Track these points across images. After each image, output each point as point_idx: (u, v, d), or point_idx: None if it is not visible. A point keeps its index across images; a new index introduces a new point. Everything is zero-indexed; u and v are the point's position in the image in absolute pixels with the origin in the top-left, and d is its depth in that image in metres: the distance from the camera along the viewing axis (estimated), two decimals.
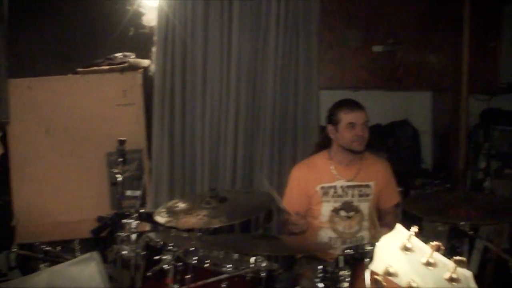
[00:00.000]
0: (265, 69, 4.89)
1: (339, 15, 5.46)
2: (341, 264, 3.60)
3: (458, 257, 1.60)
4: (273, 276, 3.82)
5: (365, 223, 4.34)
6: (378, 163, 4.50)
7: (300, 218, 4.22)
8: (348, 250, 3.68)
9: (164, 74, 4.84)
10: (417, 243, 1.65)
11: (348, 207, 4.32)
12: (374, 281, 1.67)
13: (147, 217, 4.18)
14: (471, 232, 3.88)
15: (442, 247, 1.64)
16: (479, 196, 4.12)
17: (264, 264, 3.62)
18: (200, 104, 4.88)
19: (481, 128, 5.93)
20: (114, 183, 4.57)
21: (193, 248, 3.66)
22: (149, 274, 3.57)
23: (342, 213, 4.32)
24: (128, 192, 4.96)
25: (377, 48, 5.58)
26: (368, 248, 3.64)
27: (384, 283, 1.63)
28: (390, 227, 4.31)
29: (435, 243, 1.63)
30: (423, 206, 4.37)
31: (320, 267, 3.66)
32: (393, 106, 5.93)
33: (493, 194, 4.85)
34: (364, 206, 4.34)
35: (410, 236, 1.66)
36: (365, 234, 4.34)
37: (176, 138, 4.89)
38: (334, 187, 4.32)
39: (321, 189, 4.32)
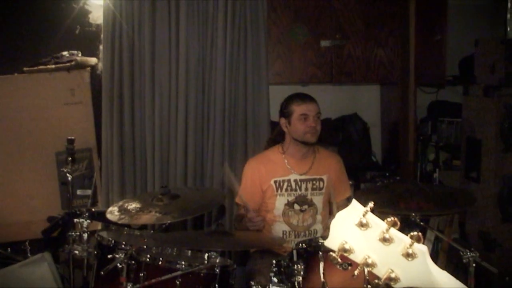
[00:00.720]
0: (214, 65, 4.90)
1: (287, 10, 5.49)
2: (295, 258, 3.67)
3: (414, 233, 1.62)
4: (228, 271, 3.86)
5: (319, 217, 4.39)
6: (330, 157, 4.57)
7: (256, 215, 4.26)
8: (302, 244, 3.77)
9: (112, 73, 4.85)
10: (373, 219, 1.67)
11: (301, 200, 4.38)
12: (332, 254, 1.71)
13: (99, 216, 4.18)
14: (422, 223, 3.98)
15: (398, 222, 1.64)
16: (429, 187, 4.17)
17: (218, 260, 3.68)
18: (149, 102, 4.88)
19: (429, 120, 6.04)
20: (64, 183, 4.50)
21: (145, 246, 3.68)
22: (102, 273, 3.60)
23: (296, 206, 4.37)
24: (79, 192, 4.98)
25: (325, 43, 5.62)
26: (322, 241, 3.74)
27: (339, 260, 1.68)
28: None
29: (391, 218, 1.64)
30: (374, 198, 4.46)
31: (274, 261, 3.70)
32: (342, 100, 5.98)
33: (443, 185, 4.97)
34: (318, 200, 4.40)
35: (366, 212, 1.67)
36: (318, 227, 4.40)
37: (126, 136, 4.88)
38: (288, 180, 4.38)
39: (274, 183, 4.36)
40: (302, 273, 3.62)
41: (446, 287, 1.64)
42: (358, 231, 1.67)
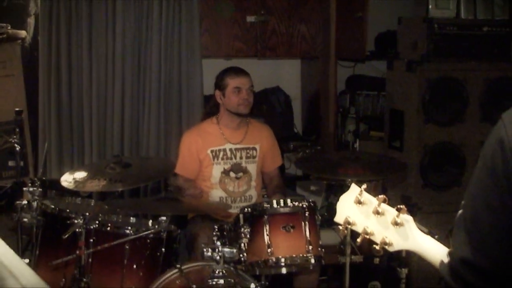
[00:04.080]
0: (150, 40, 5.04)
1: None
2: (241, 222, 3.92)
3: (400, 206, 1.86)
4: (172, 236, 4.15)
5: (253, 183, 4.71)
6: (262, 128, 4.89)
7: (196, 190, 4.60)
8: (247, 209, 4.11)
9: (49, 47, 4.92)
10: (368, 196, 1.90)
11: (237, 168, 4.69)
12: (338, 227, 1.97)
13: (51, 184, 4.39)
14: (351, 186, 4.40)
15: (387, 199, 1.89)
16: (362, 156, 4.54)
17: (164, 225, 4.00)
18: (86, 76, 4.99)
19: (347, 93, 6.32)
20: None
21: (90, 214, 3.80)
22: (63, 237, 3.73)
23: (232, 174, 4.69)
24: (10, 163, 5.13)
25: (250, 19, 5.85)
26: (266, 206, 4.08)
27: (344, 230, 1.93)
28: (281, 189, 4.80)
29: (381, 196, 1.88)
30: (313, 165, 4.83)
31: (217, 226, 3.93)
32: (265, 74, 6.17)
33: (372, 154, 5.23)
34: (252, 167, 4.72)
35: (361, 191, 1.90)
36: (253, 193, 4.72)
37: (64, 109, 4.98)
38: (224, 150, 4.68)
39: (211, 152, 4.64)
40: (248, 236, 4.00)
41: (430, 249, 1.84)
42: (356, 207, 1.90)
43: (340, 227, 1.94)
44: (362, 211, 1.91)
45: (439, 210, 4.91)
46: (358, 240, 1.93)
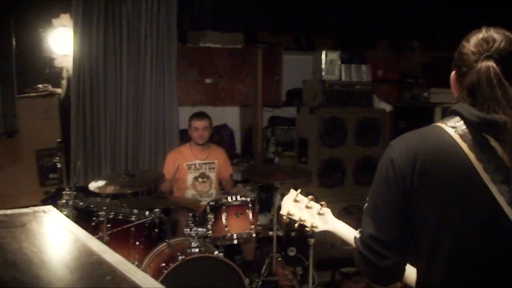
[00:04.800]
0: (144, 93, 4.84)
1: (185, 59, 5.62)
2: (208, 211, 3.91)
3: (322, 202, 1.85)
4: (162, 221, 4.07)
5: (213, 185, 4.63)
6: (219, 149, 4.80)
7: (171, 184, 4.52)
8: (212, 202, 4.04)
9: (77, 99, 4.73)
10: (301, 197, 1.86)
11: (203, 175, 4.62)
12: (282, 218, 1.89)
13: (81, 189, 4.23)
14: (279, 187, 4.36)
15: (314, 197, 1.86)
16: (285, 166, 4.54)
17: (157, 215, 3.90)
18: (103, 117, 4.77)
19: (269, 128, 6.27)
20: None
21: (108, 208, 3.75)
22: (92, 224, 3.68)
23: (200, 179, 4.61)
24: (50, 175, 4.94)
25: (208, 80, 5.85)
26: (224, 200, 4.02)
27: (286, 219, 1.86)
28: (233, 189, 4.73)
29: (310, 196, 1.86)
30: (253, 173, 4.80)
31: (191, 214, 3.93)
32: (217, 116, 5.91)
33: (288, 166, 5.18)
34: (213, 175, 4.65)
35: (297, 193, 1.86)
36: (213, 192, 4.63)
37: (87, 139, 4.76)
38: (194, 164, 4.60)
39: (186, 165, 4.59)
40: (212, 220, 3.93)
41: (342, 229, 1.81)
42: (294, 204, 1.86)
43: (284, 217, 1.88)
44: (298, 206, 1.86)
45: (331, 201, 4.63)
46: (296, 225, 1.87)
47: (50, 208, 1.51)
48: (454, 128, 1.43)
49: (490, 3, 5.35)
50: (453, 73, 1.53)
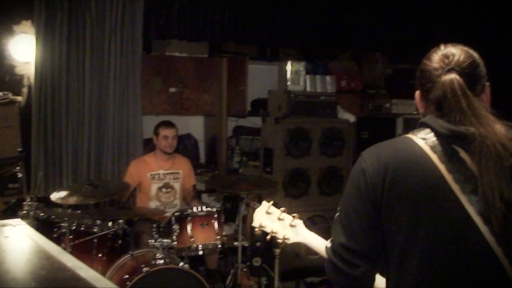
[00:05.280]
0: (108, 101, 4.76)
1: (149, 68, 5.58)
2: (173, 221, 3.87)
3: (294, 214, 1.88)
4: (125, 233, 4.00)
5: (177, 195, 4.58)
6: (183, 159, 4.76)
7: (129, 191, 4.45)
8: (177, 213, 4.00)
9: (39, 108, 4.62)
10: (273, 209, 1.89)
11: (167, 186, 4.56)
12: (255, 230, 1.91)
13: (42, 199, 4.12)
14: (244, 197, 4.34)
15: (285, 209, 1.89)
16: (248, 177, 4.46)
17: (120, 226, 3.84)
18: (64, 127, 4.67)
19: (234, 137, 6.28)
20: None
21: (70, 219, 3.66)
22: (54, 235, 3.56)
23: (164, 189, 4.57)
24: (10, 185, 4.80)
25: (172, 90, 5.81)
26: (190, 211, 3.98)
27: (259, 231, 1.88)
28: (195, 199, 4.70)
29: (282, 208, 1.89)
30: (219, 183, 4.76)
31: (155, 225, 3.85)
32: (181, 125, 5.81)
33: (254, 176, 5.08)
34: (177, 185, 4.60)
35: (269, 206, 1.89)
36: (178, 202, 4.59)
37: (49, 149, 4.65)
38: (158, 174, 4.56)
39: (150, 175, 4.54)
40: (177, 231, 3.88)
41: (314, 240, 1.84)
42: (266, 216, 1.88)
43: (256, 229, 1.90)
44: (270, 218, 1.87)
45: (296, 211, 4.75)
46: (268, 237, 1.89)
47: (18, 221, 1.46)
48: (424, 139, 1.46)
49: (449, 18, 5.49)
50: (417, 92, 1.59)
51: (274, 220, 1.87)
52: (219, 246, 3.94)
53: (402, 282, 1.46)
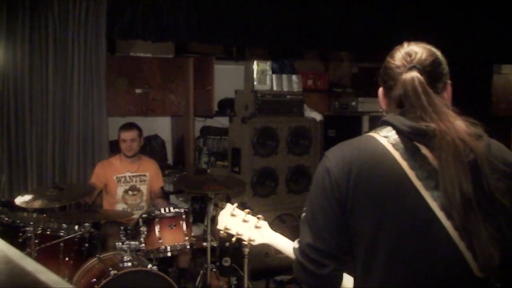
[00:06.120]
0: (72, 103, 4.67)
1: (113, 69, 5.50)
2: (141, 223, 3.85)
3: (259, 216, 1.89)
4: (92, 236, 3.94)
5: (144, 198, 4.55)
6: (150, 161, 4.73)
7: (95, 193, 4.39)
8: (144, 215, 3.97)
9: (1, 107, 4.50)
10: (238, 211, 1.89)
11: (133, 188, 4.53)
12: (219, 233, 1.92)
13: (6, 203, 4.03)
14: (213, 197, 4.33)
15: (250, 211, 1.90)
16: (216, 178, 4.45)
17: (87, 229, 3.79)
18: (28, 127, 4.58)
19: (201, 138, 6.26)
20: None
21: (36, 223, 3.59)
22: (20, 240, 3.49)
23: (130, 192, 4.52)
24: None
25: (138, 91, 5.75)
26: (157, 212, 3.96)
27: (224, 234, 1.89)
28: (163, 201, 4.65)
29: (247, 210, 1.89)
30: (187, 184, 4.74)
31: (122, 227, 3.83)
32: (147, 126, 5.89)
33: (222, 176, 5.02)
34: (143, 188, 4.56)
35: (234, 208, 1.90)
36: (144, 204, 4.55)
37: (12, 150, 4.54)
38: (124, 176, 4.51)
39: (116, 178, 4.49)
40: (145, 233, 3.85)
41: (279, 241, 1.84)
42: (231, 218, 1.88)
43: (221, 232, 1.90)
44: (235, 220, 1.88)
45: (264, 210, 4.89)
46: (233, 239, 1.90)
47: None
48: (386, 137, 1.49)
49: (414, 17, 5.58)
50: (380, 89, 1.61)
51: (239, 222, 1.87)
52: (188, 247, 3.94)
53: (369, 279, 1.48)
